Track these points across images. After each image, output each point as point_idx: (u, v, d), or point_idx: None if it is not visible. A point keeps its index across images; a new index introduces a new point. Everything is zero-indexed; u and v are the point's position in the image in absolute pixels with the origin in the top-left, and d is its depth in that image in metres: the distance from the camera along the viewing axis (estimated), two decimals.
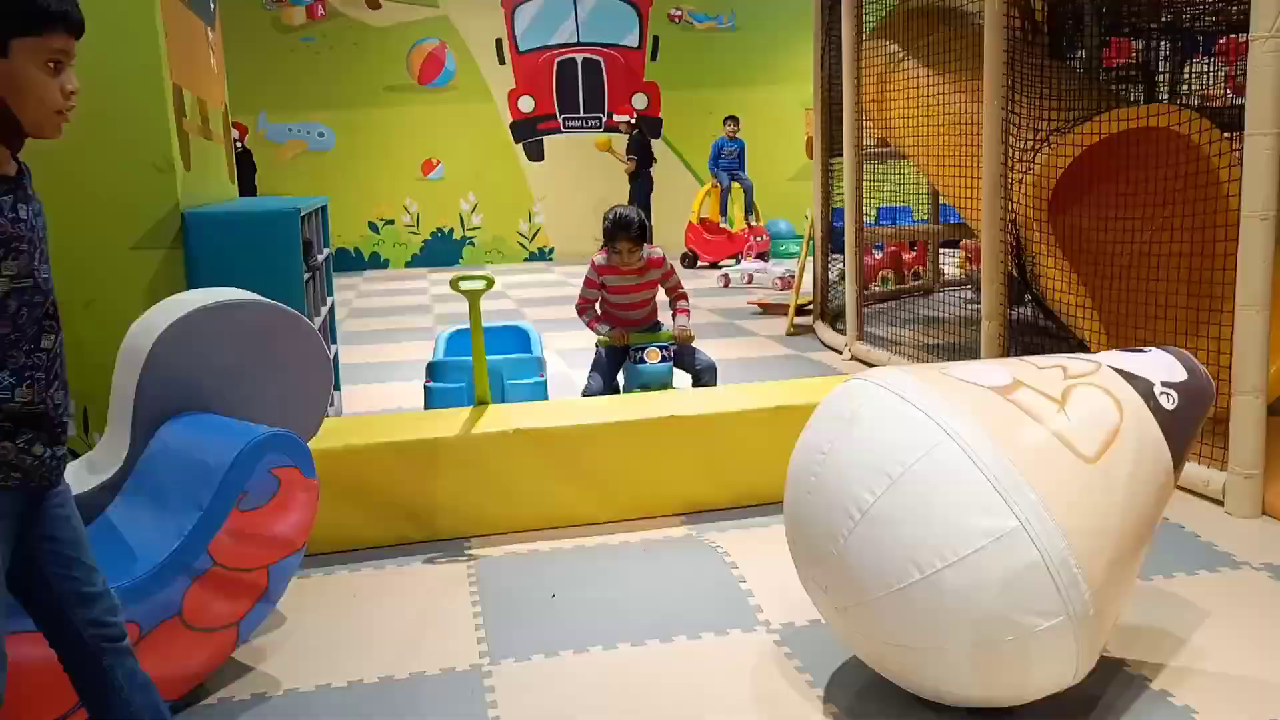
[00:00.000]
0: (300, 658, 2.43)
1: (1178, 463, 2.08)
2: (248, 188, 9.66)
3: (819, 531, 2.00)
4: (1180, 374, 2.15)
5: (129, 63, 3.34)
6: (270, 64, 11.47)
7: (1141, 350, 2.24)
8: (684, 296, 4.00)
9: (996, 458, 1.85)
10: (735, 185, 11.17)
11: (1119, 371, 2.11)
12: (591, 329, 3.94)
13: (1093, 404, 2.01)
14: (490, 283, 3.36)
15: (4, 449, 1.49)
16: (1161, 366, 2.16)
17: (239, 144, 10.97)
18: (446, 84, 12.11)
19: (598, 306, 4.00)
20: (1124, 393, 2.05)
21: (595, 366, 3.96)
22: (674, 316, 3.95)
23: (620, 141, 11.68)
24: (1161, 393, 2.08)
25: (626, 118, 11.49)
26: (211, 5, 4.46)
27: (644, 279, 3.95)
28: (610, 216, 3.82)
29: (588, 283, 3.94)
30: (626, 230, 3.77)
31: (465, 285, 3.37)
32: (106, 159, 3.37)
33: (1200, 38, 5.94)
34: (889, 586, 1.88)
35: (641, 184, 11.09)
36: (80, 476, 2.46)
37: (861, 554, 1.91)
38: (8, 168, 1.49)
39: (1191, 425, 2.13)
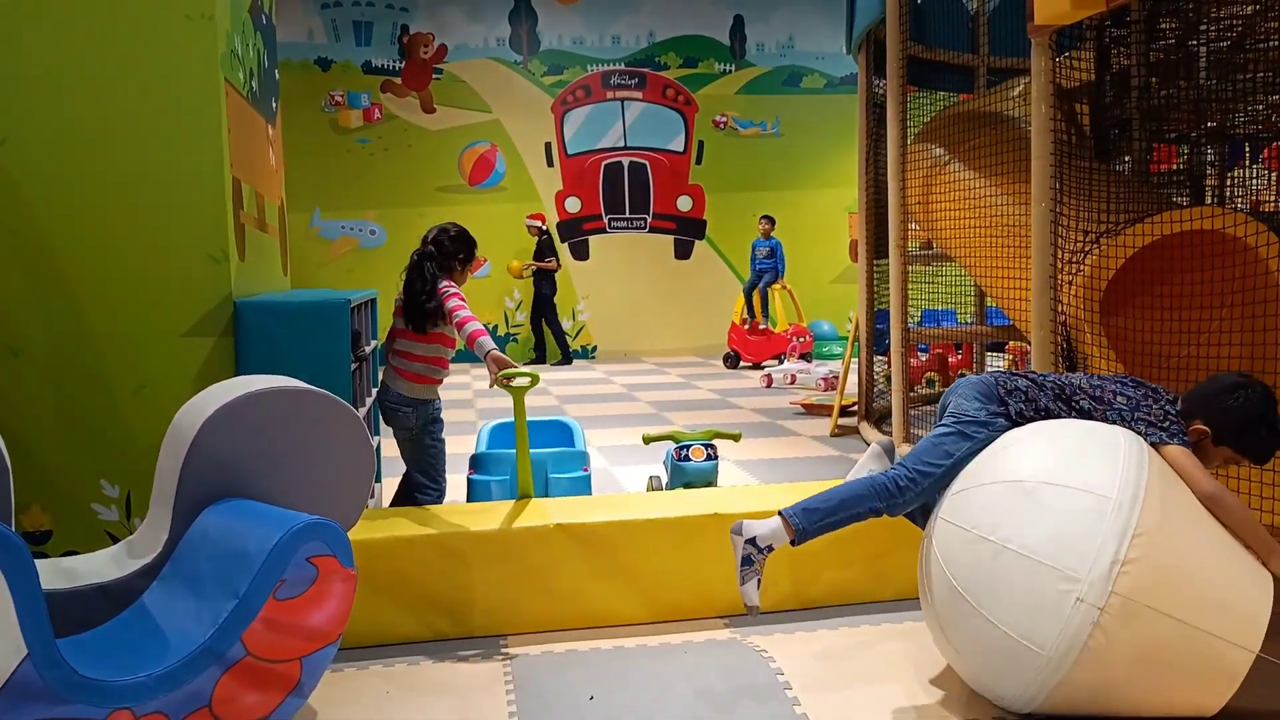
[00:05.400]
0: None
1: None
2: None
3: None
4: None
5: (193, 156, 3.45)
6: (326, 164, 11.84)
7: None
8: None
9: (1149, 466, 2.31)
10: (775, 287, 11.11)
11: None
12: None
13: None
14: (535, 379, 3.36)
15: None
16: None
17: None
18: (496, 185, 12.41)
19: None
20: None
21: None
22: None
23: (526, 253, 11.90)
24: None
25: (538, 223, 11.73)
26: (274, 103, 4.63)
27: None
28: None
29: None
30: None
31: (512, 382, 3.37)
32: (164, 248, 3.45)
33: (1246, 144, 5.92)
34: (996, 476, 2.42)
35: (550, 280, 11.60)
36: (120, 560, 2.45)
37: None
38: None
39: None
